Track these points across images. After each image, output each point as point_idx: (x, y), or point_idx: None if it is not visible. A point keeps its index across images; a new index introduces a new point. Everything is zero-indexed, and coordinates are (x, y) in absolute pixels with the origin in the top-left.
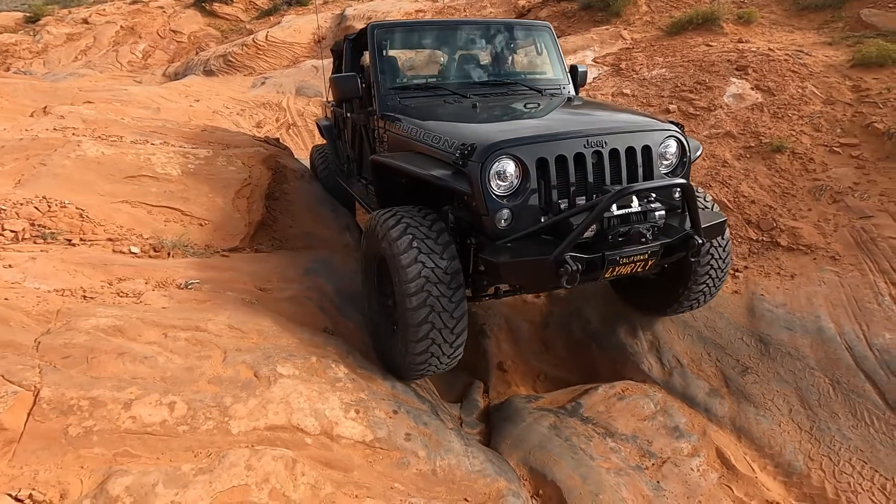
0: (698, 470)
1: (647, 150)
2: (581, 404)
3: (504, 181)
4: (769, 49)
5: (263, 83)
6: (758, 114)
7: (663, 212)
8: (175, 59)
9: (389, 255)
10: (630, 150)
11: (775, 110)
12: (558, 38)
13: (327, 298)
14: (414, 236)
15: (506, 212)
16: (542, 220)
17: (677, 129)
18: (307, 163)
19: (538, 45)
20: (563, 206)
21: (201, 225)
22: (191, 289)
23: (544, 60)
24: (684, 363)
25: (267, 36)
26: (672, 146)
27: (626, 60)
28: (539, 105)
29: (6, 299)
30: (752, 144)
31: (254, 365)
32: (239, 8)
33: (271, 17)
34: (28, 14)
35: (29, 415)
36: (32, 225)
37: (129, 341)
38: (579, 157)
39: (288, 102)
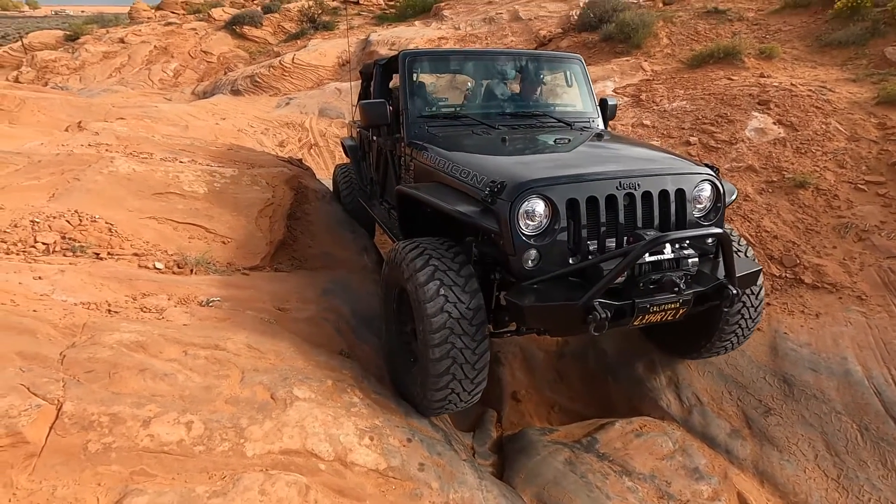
0: None
1: (680, 193)
2: (597, 439)
3: (533, 221)
4: (792, 84)
5: (288, 104)
6: (780, 148)
7: (696, 259)
8: (204, 79)
9: (414, 299)
10: (663, 194)
11: (798, 145)
12: None
13: (344, 320)
14: (442, 282)
15: (533, 252)
16: (571, 262)
17: (712, 173)
18: (328, 183)
19: (568, 76)
20: (592, 248)
21: (224, 243)
22: (212, 306)
23: (574, 93)
24: (704, 401)
25: (293, 58)
26: (706, 190)
27: (647, 92)
28: (569, 140)
29: (35, 311)
30: (775, 179)
31: (271, 386)
32: (268, 31)
33: (298, 41)
34: (68, 32)
35: (51, 429)
36: (63, 238)
37: (150, 357)
38: (611, 199)
39: (311, 123)
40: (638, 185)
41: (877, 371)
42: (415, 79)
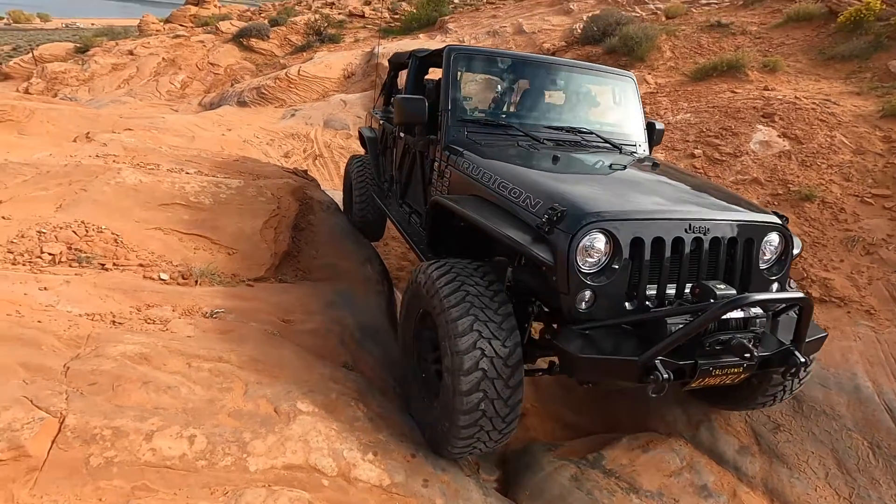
0: None
1: (749, 242)
2: (603, 456)
3: (591, 257)
4: (795, 97)
5: (293, 115)
6: (785, 161)
7: (765, 319)
8: (211, 90)
9: (444, 333)
10: (732, 241)
11: (803, 158)
12: None
13: (348, 332)
14: (476, 319)
15: (588, 293)
16: (627, 307)
17: (782, 223)
18: (332, 194)
19: (617, 94)
20: (650, 294)
21: (229, 254)
22: (216, 318)
23: (623, 113)
24: (712, 417)
25: (299, 70)
26: (774, 241)
27: (651, 104)
28: (624, 167)
29: (39, 322)
30: (780, 192)
31: (274, 400)
32: (274, 44)
33: (304, 53)
34: (78, 45)
35: (53, 442)
36: (69, 249)
37: (153, 370)
38: (677, 242)
39: (316, 134)
40: (708, 229)
41: (887, 387)
42: (458, 77)
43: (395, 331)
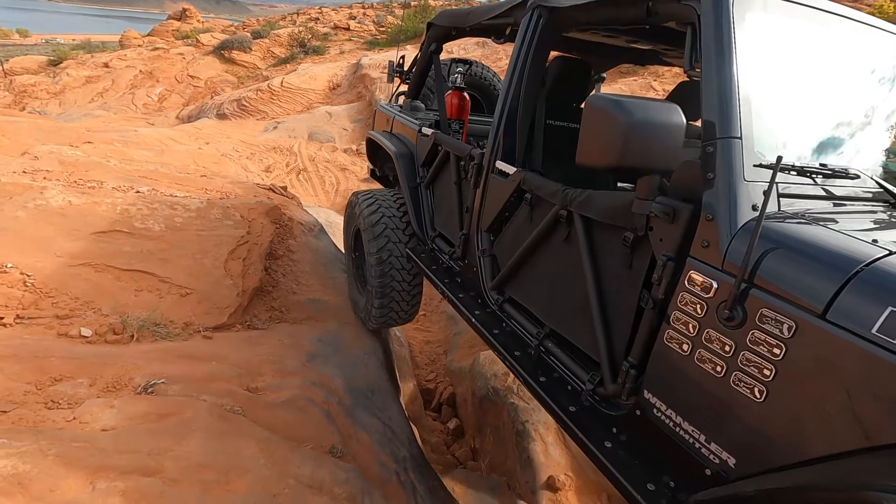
0: None
1: None
2: None
3: None
4: None
5: (276, 128)
6: None
7: None
8: (190, 103)
9: None
10: None
11: None
12: None
13: (335, 398)
14: None
15: None
16: None
17: None
18: (316, 212)
19: None
20: None
21: (182, 295)
22: (151, 393)
23: None
24: None
25: (282, 82)
26: None
27: None
28: None
29: None
30: None
31: None
32: (257, 56)
33: (288, 65)
34: (52, 58)
35: None
36: None
37: (32, 502)
38: None
39: (299, 147)
40: None
41: None
42: (746, 45)
43: (395, 388)
